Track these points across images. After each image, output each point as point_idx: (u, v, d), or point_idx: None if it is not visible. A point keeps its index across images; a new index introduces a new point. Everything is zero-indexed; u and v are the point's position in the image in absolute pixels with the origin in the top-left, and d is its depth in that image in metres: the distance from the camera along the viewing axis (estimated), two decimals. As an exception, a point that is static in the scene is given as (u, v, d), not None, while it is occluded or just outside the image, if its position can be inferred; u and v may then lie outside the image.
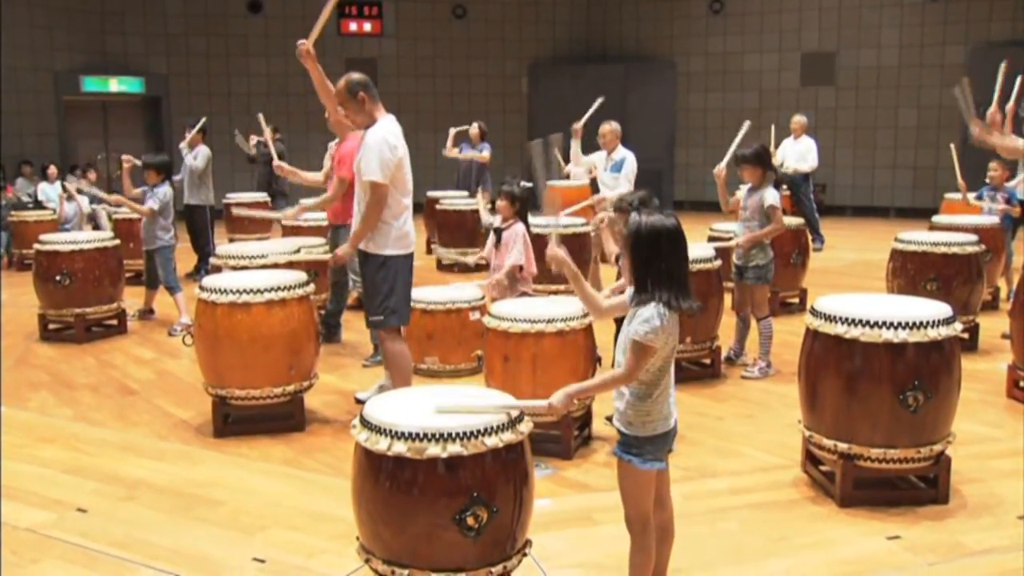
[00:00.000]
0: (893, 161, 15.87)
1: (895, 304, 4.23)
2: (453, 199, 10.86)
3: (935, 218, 8.25)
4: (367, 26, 17.17)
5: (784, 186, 11.33)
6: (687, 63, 17.19)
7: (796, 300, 7.98)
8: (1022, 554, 3.58)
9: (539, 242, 6.43)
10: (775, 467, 4.53)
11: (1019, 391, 5.50)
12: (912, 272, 6.56)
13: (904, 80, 15.66)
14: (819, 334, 4.07)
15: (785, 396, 5.54)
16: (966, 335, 6.33)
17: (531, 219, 5.85)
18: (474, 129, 11.46)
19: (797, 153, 11.46)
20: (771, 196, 5.89)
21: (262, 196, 11.49)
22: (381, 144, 4.76)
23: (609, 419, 4.92)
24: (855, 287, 8.23)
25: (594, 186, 8.52)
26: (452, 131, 11.61)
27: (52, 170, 12.50)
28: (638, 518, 2.92)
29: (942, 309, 4.03)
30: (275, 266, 6.00)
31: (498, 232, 5.90)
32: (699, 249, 6.12)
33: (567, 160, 8.66)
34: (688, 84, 17.20)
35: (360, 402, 5.30)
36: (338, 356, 6.69)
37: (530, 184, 5.84)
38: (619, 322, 4.84)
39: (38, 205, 11.93)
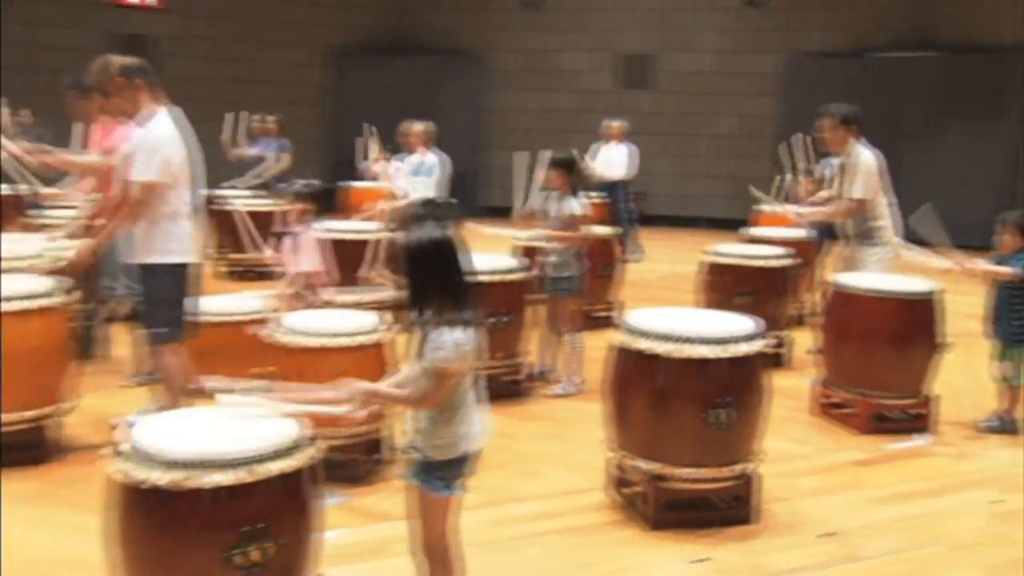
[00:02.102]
0: (710, 170, 16.76)
1: (703, 319, 4.49)
2: (243, 199, 10.57)
3: (747, 230, 8.80)
4: (147, -2, 16.45)
5: (601, 193, 11.76)
6: (500, 59, 17.51)
7: (606, 314, 8.25)
8: (822, 573, 3.88)
9: (343, 248, 6.42)
10: (583, 490, 4.68)
11: (828, 407, 5.94)
12: (724, 285, 6.96)
13: (723, 87, 16.59)
14: (626, 350, 4.26)
15: (595, 414, 5.69)
16: (775, 350, 6.78)
17: (333, 223, 5.84)
18: (268, 124, 11.23)
19: (613, 159, 11.92)
20: (575, 205, 6.11)
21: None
22: (159, 140, 4.71)
23: (404, 445, 4.94)
24: (670, 300, 8.60)
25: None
26: (228, 131, 11.22)
27: None
28: (438, 544, 3.01)
29: (749, 324, 4.31)
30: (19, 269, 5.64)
31: (292, 236, 5.84)
32: (504, 260, 6.26)
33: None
34: (501, 82, 17.51)
35: (120, 426, 5.07)
36: (100, 375, 6.36)
37: (318, 182, 5.84)
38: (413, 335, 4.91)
39: None
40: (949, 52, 14.84)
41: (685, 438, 4.15)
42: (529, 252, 6.94)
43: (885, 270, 6.27)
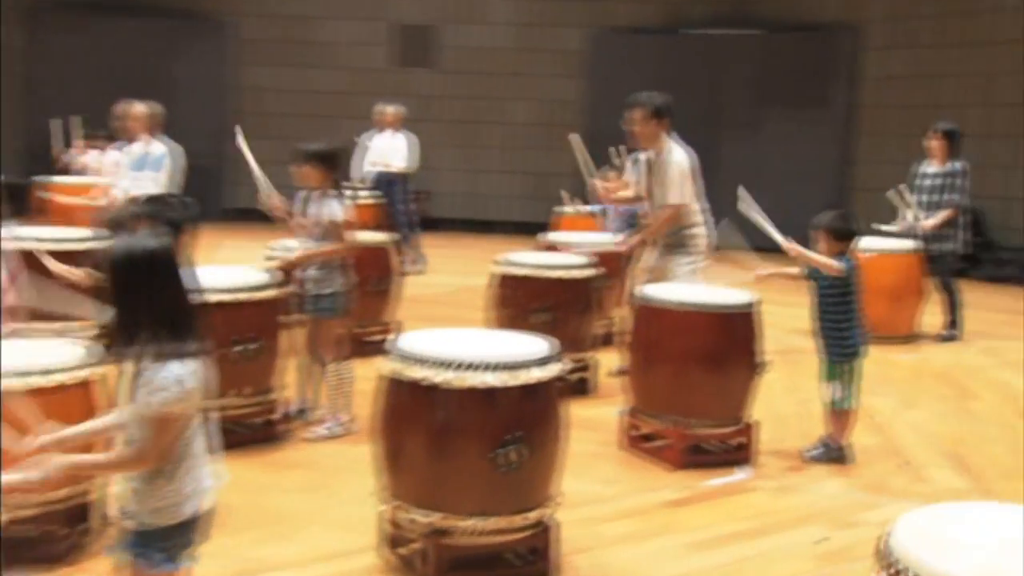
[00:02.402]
0: (504, 165, 17.07)
1: (491, 341, 4.58)
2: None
3: (545, 236, 9.02)
4: None
5: (375, 192, 11.80)
6: (247, 26, 17.21)
7: (380, 337, 8.23)
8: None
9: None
10: (351, 551, 4.65)
11: (638, 440, 6.14)
12: (518, 300, 7.10)
13: (519, 66, 16.95)
14: (398, 380, 4.28)
15: (365, 459, 5.69)
16: (578, 375, 6.97)
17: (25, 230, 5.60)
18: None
19: (387, 151, 11.98)
20: (335, 208, 6.10)
21: None
22: None
23: (116, 513, 4.75)
24: (457, 319, 8.66)
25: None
26: None
27: None
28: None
29: (544, 346, 4.41)
30: None
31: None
32: (253, 273, 6.15)
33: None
34: (249, 55, 17.22)
35: None
36: None
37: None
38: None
39: None
40: (770, 30, 15.78)
41: (469, 483, 4.20)
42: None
43: (697, 281, 6.56)
